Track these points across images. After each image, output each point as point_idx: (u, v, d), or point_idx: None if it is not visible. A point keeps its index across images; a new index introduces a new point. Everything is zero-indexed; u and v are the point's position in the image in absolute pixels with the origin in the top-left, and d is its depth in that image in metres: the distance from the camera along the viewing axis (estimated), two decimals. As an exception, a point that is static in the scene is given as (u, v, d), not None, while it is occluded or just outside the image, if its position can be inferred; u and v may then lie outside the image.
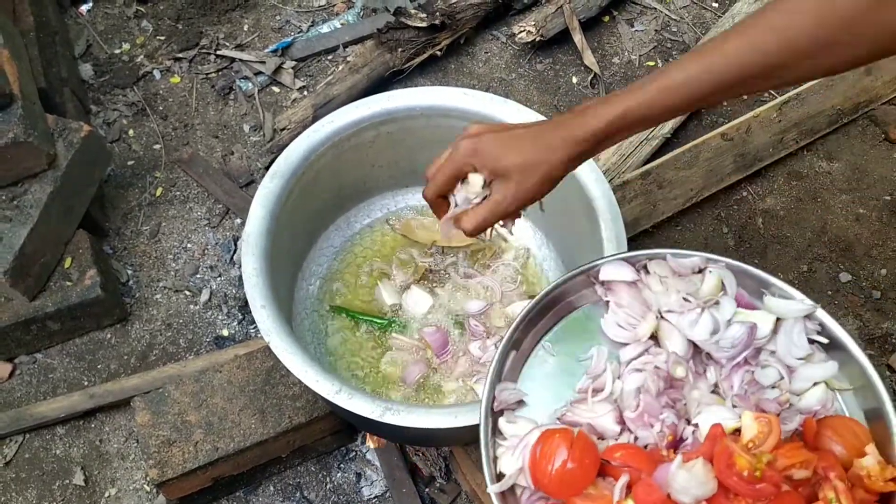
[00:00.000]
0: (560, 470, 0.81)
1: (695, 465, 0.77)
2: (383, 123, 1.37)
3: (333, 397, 1.08)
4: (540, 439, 0.84)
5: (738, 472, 0.76)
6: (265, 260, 1.22)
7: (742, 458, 0.76)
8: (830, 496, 0.77)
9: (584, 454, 0.82)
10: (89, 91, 2.04)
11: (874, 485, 0.80)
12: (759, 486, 0.75)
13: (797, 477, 0.77)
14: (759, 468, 0.75)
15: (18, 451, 1.56)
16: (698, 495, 0.77)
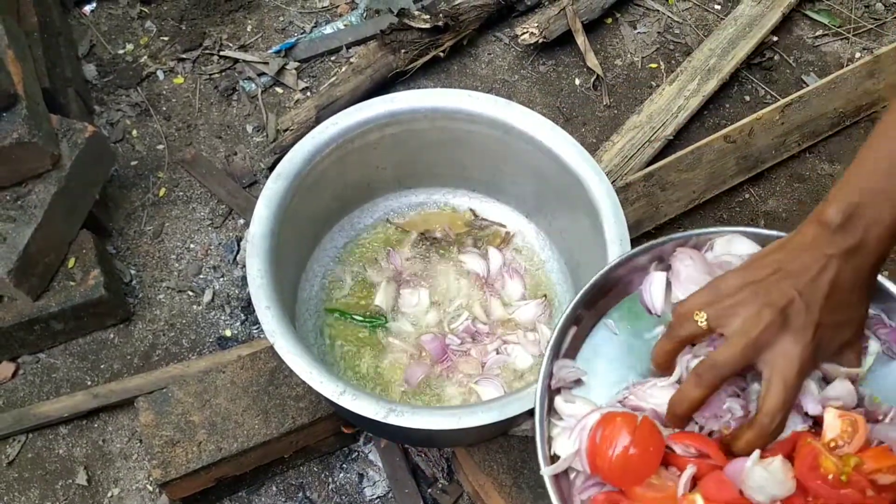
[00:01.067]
0: (622, 456, 0.76)
1: (773, 463, 0.72)
2: (388, 125, 1.38)
3: (338, 398, 1.08)
4: (600, 422, 0.79)
5: (822, 475, 0.71)
6: (269, 261, 1.22)
7: (829, 460, 0.71)
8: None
9: (648, 441, 0.76)
10: (93, 91, 2.04)
11: None
12: (845, 490, 0.70)
13: (882, 482, 0.72)
14: (846, 472, 0.71)
15: (21, 450, 1.56)
16: (775, 495, 0.72)
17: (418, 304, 1.42)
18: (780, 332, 0.74)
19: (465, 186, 1.54)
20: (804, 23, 2.25)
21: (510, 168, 1.44)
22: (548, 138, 1.33)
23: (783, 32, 2.20)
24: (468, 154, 1.45)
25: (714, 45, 2.07)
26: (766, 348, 0.74)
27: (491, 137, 1.39)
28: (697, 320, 0.78)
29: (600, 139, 1.98)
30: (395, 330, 1.41)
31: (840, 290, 0.75)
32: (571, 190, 1.32)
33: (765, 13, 2.13)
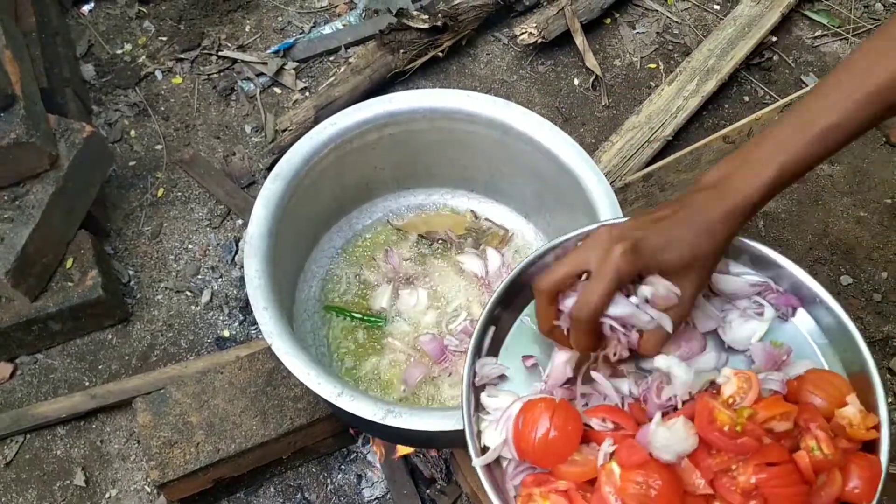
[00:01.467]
0: (543, 438, 0.81)
1: (675, 423, 0.77)
2: (386, 126, 1.37)
3: (336, 400, 1.08)
4: (522, 409, 0.85)
5: (719, 427, 0.76)
6: (267, 262, 1.22)
7: (723, 413, 0.76)
8: (812, 444, 0.77)
9: (566, 421, 0.82)
10: (91, 91, 2.04)
11: (856, 433, 0.81)
12: (741, 440, 0.76)
13: (778, 430, 0.78)
14: (739, 423, 0.76)
15: (19, 451, 1.56)
16: (679, 452, 0.77)
17: (417, 304, 1.42)
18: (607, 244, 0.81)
19: (463, 187, 1.54)
20: (803, 23, 2.25)
21: (509, 169, 1.44)
22: (547, 139, 1.33)
23: (782, 33, 2.20)
24: (467, 155, 1.45)
25: (713, 45, 2.07)
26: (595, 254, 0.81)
27: (490, 138, 1.39)
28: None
29: (599, 139, 1.98)
30: (393, 331, 1.40)
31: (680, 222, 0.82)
32: (570, 190, 1.31)
33: (764, 13, 2.13)
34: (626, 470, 0.78)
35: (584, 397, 0.90)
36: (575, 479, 0.81)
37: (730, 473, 0.77)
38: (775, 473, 0.75)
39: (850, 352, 0.89)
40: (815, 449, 0.77)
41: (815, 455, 0.77)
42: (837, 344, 0.91)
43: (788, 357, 0.90)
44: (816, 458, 0.77)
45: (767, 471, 0.75)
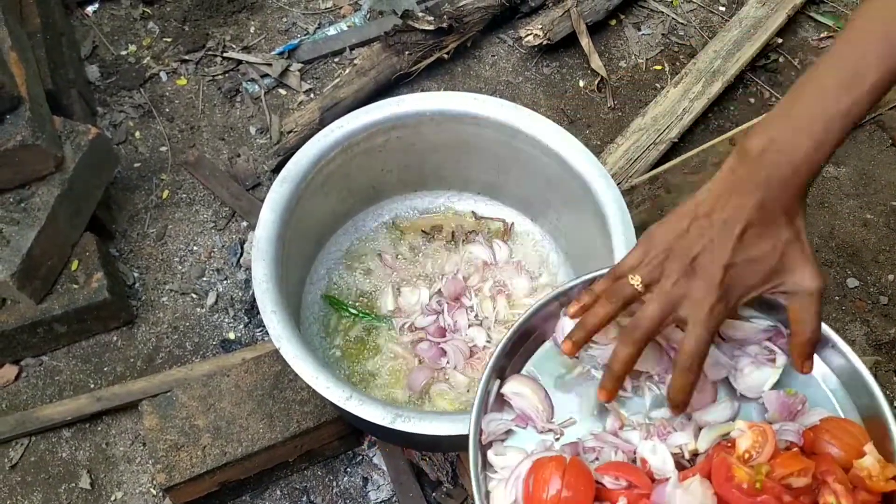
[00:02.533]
0: (555, 499, 0.79)
1: (692, 484, 0.76)
2: (394, 128, 1.37)
3: (344, 403, 1.08)
4: (532, 469, 0.82)
5: (737, 485, 0.75)
6: (275, 265, 1.22)
7: (741, 470, 0.75)
8: (831, 500, 0.76)
9: (578, 480, 0.80)
10: (95, 93, 2.04)
11: (876, 485, 0.79)
12: (761, 498, 0.74)
13: (796, 485, 0.76)
14: (758, 480, 0.74)
15: (24, 454, 1.55)
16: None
17: (418, 301, 1.42)
18: (690, 281, 0.78)
19: (470, 189, 1.54)
20: (809, 24, 2.24)
21: (516, 171, 1.44)
22: (555, 142, 1.33)
23: (788, 34, 2.20)
24: (474, 157, 1.45)
25: (719, 47, 2.06)
26: (682, 300, 0.79)
27: (497, 141, 1.39)
28: (633, 284, 0.82)
29: (605, 141, 1.98)
30: (396, 334, 1.40)
31: (754, 223, 0.78)
32: (578, 193, 1.31)
33: (770, 15, 2.13)
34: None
35: (592, 451, 0.87)
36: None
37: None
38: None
39: (864, 397, 0.87)
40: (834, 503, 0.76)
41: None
42: (851, 388, 0.89)
43: (804, 406, 0.87)
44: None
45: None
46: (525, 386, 0.91)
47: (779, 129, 0.78)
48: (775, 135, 0.78)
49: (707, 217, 0.80)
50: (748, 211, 0.78)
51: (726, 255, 0.78)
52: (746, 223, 0.78)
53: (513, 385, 0.91)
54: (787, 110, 0.79)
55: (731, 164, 0.81)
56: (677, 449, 0.84)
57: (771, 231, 0.78)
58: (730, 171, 0.81)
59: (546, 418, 0.90)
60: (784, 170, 0.77)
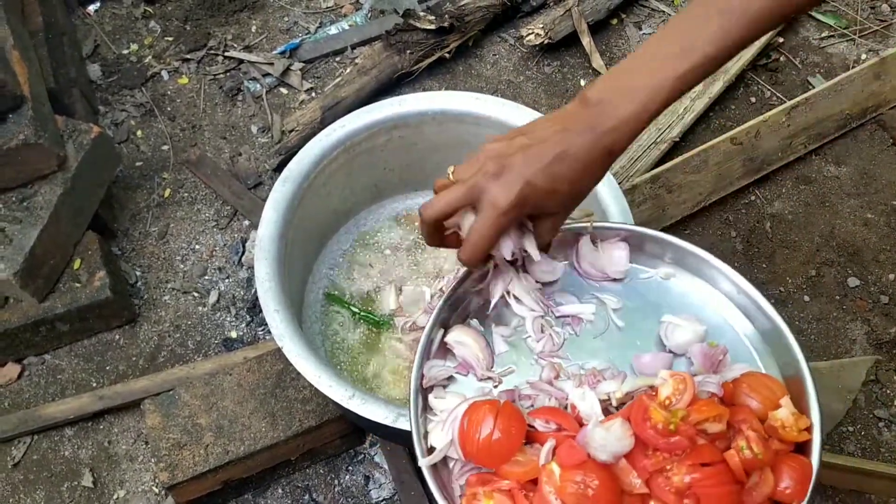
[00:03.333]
0: (487, 439, 0.83)
1: (613, 425, 0.80)
2: (395, 128, 1.38)
3: (347, 402, 1.08)
4: (467, 411, 0.86)
5: (653, 425, 0.78)
6: (277, 264, 1.22)
7: (657, 412, 0.79)
8: (742, 444, 0.80)
9: (510, 423, 0.84)
10: (97, 92, 2.04)
11: (789, 435, 0.83)
12: (674, 439, 0.78)
13: (711, 431, 0.80)
14: (673, 422, 0.78)
15: (27, 452, 1.56)
16: (616, 452, 0.79)
17: (420, 300, 1.42)
18: (494, 179, 0.83)
19: (472, 189, 1.54)
20: (810, 24, 2.24)
21: (518, 171, 1.44)
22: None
23: (789, 34, 2.20)
24: (476, 156, 1.45)
25: (720, 46, 2.06)
26: (483, 191, 0.83)
27: (499, 140, 1.39)
28: (448, 173, 0.88)
29: (606, 141, 1.97)
30: (397, 333, 1.40)
31: (563, 160, 0.83)
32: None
33: (770, 14, 2.12)
34: (565, 470, 0.80)
35: (528, 398, 0.92)
36: (518, 479, 0.83)
37: (665, 473, 0.79)
38: (708, 473, 0.78)
39: (785, 355, 0.92)
40: (745, 448, 0.79)
41: (744, 454, 0.79)
42: (774, 348, 0.94)
43: (725, 357, 0.93)
44: (746, 457, 0.79)
45: (700, 471, 0.78)
46: (467, 335, 0.96)
47: (614, 86, 0.84)
48: (610, 89, 0.83)
49: (531, 134, 0.86)
50: (565, 144, 0.83)
51: (530, 172, 0.82)
52: (560, 153, 0.83)
53: (456, 334, 0.96)
54: (625, 70, 0.84)
55: (571, 104, 0.87)
56: (605, 396, 0.88)
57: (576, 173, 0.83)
58: (568, 110, 0.87)
59: (486, 367, 0.95)
60: (610, 121, 0.82)
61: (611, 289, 1.00)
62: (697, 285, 1.00)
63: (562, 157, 0.83)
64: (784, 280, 1.76)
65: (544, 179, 0.83)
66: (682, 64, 0.81)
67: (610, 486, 0.79)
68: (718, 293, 0.99)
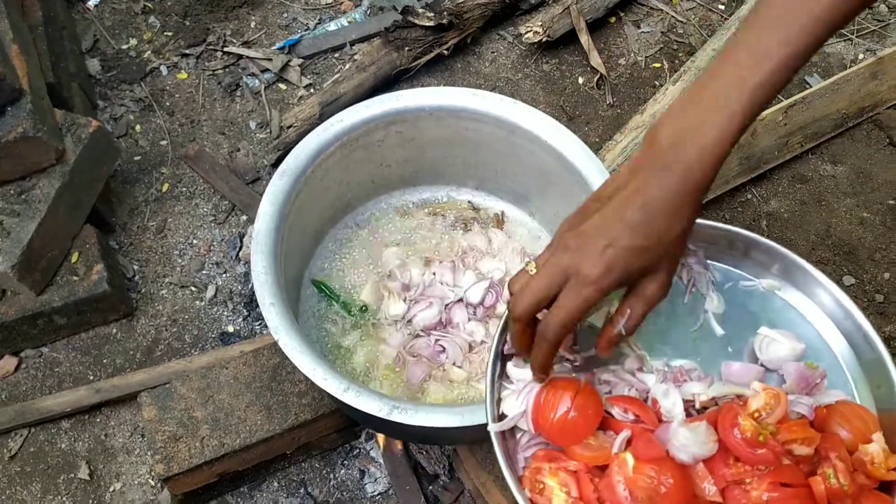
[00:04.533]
0: (563, 417, 0.82)
1: (699, 426, 0.78)
2: (393, 123, 1.38)
3: (342, 395, 1.08)
4: (546, 385, 0.86)
5: (742, 434, 0.77)
6: (274, 258, 1.22)
7: (748, 420, 0.77)
8: (829, 472, 0.78)
9: (587, 404, 0.83)
10: (96, 86, 2.04)
11: (876, 471, 0.81)
12: (761, 451, 0.76)
13: (798, 453, 0.78)
14: (763, 434, 0.76)
15: (23, 444, 1.56)
16: (697, 454, 0.78)
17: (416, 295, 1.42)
18: (574, 254, 0.77)
19: (469, 184, 1.55)
20: (808, 24, 2.24)
21: (515, 166, 1.44)
22: (553, 137, 1.33)
23: (787, 33, 2.20)
24: (473, 152, 1.45)
25: (718, 45, 2.07)
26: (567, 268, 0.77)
27: (496, 136, 1.39)
28: (528, 269, 0.82)
29: (603, 138, 1.98)
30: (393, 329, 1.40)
31: (645, 209, 0.75)
32: (576, 189, 1.32)
33: (768, 14, 2.13)
34: (640, 462, 0.78)
35: (607, 384, 0.90)
36: (586, 462, 0.82)
37: (743, 486, 0.77)
38: (788, 494, 0.75)
39: (884, 388, 0.88)
40: (832, 477, 0.77)
41: (830, 483, 0.77)
42: (873, 378, 0.91)
43: (822, 382, 0.89)
44: (832, 486, 0.77)
45: (781, 490, 0.75)
46: None
47: (684, 118, 0.77)
48: (681, 123, 0.77)
49: (603, 193, 0.80)
50: (642, 198, 0.76)
51: (611, 234, 0.76)
52: (638, 207, 0.76)
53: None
54: (691, 101, 0.77)
55: (639, 152, 0.80)
56: (690, 397, 0.86)
57: (660, 223, 0.76)
58: (636, 158, 0.79)
59: (568, 345, 0.91)
60: (687, 158, 0.75)
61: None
62: (802, 302, 0.96)
63: (643, 206, 0.75)
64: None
65: (630, 236, 0.75)
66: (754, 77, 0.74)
67: (683, 488, 0.77)
68: (823, 314, 0.95)
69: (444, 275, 1.42)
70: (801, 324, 0.95)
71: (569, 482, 0.81)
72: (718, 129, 0.74)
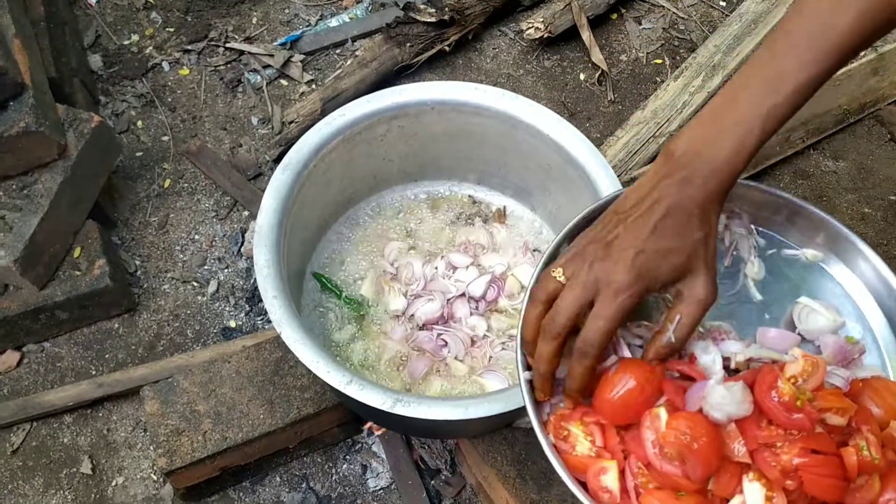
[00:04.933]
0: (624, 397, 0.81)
1: (735, 386, 0.78)
2: (395, 117, 1.38)
3: (344, 388, 1.09)
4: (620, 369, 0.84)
5: (779, 395, 0.77)
6: (276, 251, 1.23)
7: (786, 384, 0.77)
8: (862, 444, 0.78)
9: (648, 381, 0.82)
10: (98, 82, 2.04)
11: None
12: (796, 416, 0.76)
13: (831, 422, 0.78)
14: (801, 398, 0.76)
15: (26, 439, 1.57)
16: (732, 413, 0.77)
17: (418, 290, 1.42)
18: (604, 264, 0.79)
19: (470, 179, 1.55)
20: (809, 20, 2.25)
21: (516, 161, 1.44)
22: (555, 132, 1.34)
23: (788, 29, 2.20)
24: (475, 147, 1.45)
25: (719, 41, 2.07)
26: (597, 284, 0.79)
27: (498, 131, 1.40)
28: (555, 275, 0.83)
29: (605, 134, 1.98)
30: (394, 323, 1.40)
31: (669, 216, 0.79)
32: (577, 183, 1.32)
33: (770, 10, 2.13)
34: (674, 418, 0.78)
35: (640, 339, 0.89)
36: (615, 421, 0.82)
37: (773, 449, 0.77)
38: (819, 461, 0.76)
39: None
40: (864, 448, 0.78)
41: (863, 455, 0.77)
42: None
43: (860, 357, 0.90)
44: (864, 457, 0.77)
45: (811, 457, 0.76)
46: None
47: (702, 132, 0.81)
48: (698, 136, 0.81)
49: (626, 211, 0.82)
50: (664, 205, 0.79)
51: (638, 241, 0.79)
52: (662, 215, 0.79)
53: None
54: (710, 114, 0.82)
55: (656, 165, 0.83)
56: (727, 355, 0.85)
57: (684, 227, 0.79)
58: (654, 171, 0.83)
59: None
60: (704, 169, 0.79)
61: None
62: (844, 275, 0.97)
63: (666, 212, 0.79)
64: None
65: (656, 239, 0.79)
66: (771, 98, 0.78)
67: (714, 446, 0.77)
68: (864, 288, 0.95)
69: (445, 269, 1.42)
70: (840, 296, 0.96)
71: (594, 431, 0.82)
72: (737, 142, 0.78)
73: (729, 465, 0.78)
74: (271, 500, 1.50)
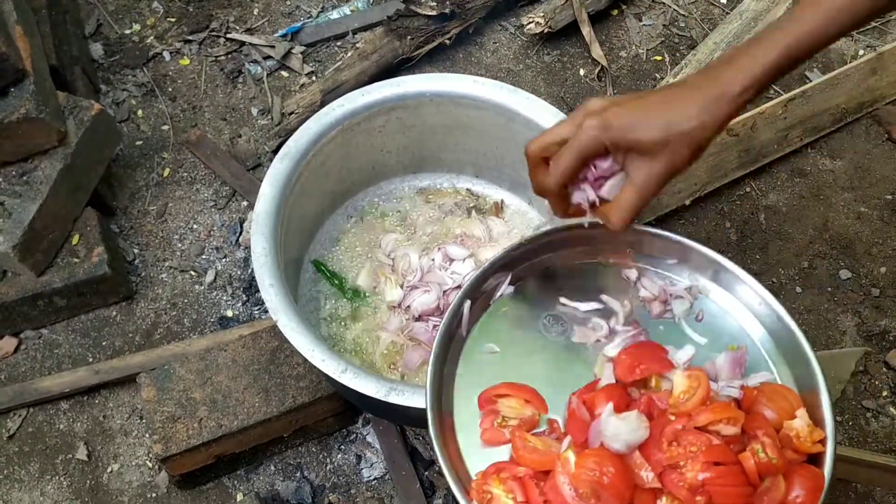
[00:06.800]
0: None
1: (629, 415, 0.82)
2: (394, 109, 1.39)
3: (339, 377, 1.09)
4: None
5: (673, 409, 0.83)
6: (274, 240, 1.23)
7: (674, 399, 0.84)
8: (758, 448, 0.81)
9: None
10: (99, 71, 2.05)
11: (802, 445, 0.85)
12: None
13: (725, 433, 0.82)
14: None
15: (22, 425, 1.57)
16: (630, 441, 0.81)
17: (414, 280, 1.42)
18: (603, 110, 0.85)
19: (468, 171, 1.55)
20: (809, 19, 2.25)
21: (514, 154, 1.45)
22: (551, 125, 1.34)
23: (788, 28, 2.21)
24: (473, 139, 1.46)
25: (719, 39, 2.07)
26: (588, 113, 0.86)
27: (496, 123, 1.40)
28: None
29: (603, 130, 1.99)
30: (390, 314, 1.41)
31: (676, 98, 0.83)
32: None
33: (770, 8, 2.13)
34: (580, 457, 0.81)
35: None
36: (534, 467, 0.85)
37: (678, 470, 0.80)
38: (721, 472, 0.79)
39: (801, 367, 0.94)
40: (760, 451, 0.81)
41: (759, 457, 0.81)
42: (790, 359, 0.96)
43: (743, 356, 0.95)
44: (761, 460, 0.81)
45: (714, 470, 0.79)
46: None
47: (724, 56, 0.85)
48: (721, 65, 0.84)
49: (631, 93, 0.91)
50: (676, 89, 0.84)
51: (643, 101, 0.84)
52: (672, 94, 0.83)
53: None
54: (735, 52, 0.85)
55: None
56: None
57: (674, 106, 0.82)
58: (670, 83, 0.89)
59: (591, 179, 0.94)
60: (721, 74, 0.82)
61: None
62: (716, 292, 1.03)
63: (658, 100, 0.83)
64: (777, 271, 1.77)
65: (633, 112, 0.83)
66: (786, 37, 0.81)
67: (624, 477, 0.80)
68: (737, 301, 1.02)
69: (442, 261, 1.43)
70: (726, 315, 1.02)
71: (514, 488, 0.84)
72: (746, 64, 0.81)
73: (642, 494, 0.81)
74: (266, 489, 1.51)
